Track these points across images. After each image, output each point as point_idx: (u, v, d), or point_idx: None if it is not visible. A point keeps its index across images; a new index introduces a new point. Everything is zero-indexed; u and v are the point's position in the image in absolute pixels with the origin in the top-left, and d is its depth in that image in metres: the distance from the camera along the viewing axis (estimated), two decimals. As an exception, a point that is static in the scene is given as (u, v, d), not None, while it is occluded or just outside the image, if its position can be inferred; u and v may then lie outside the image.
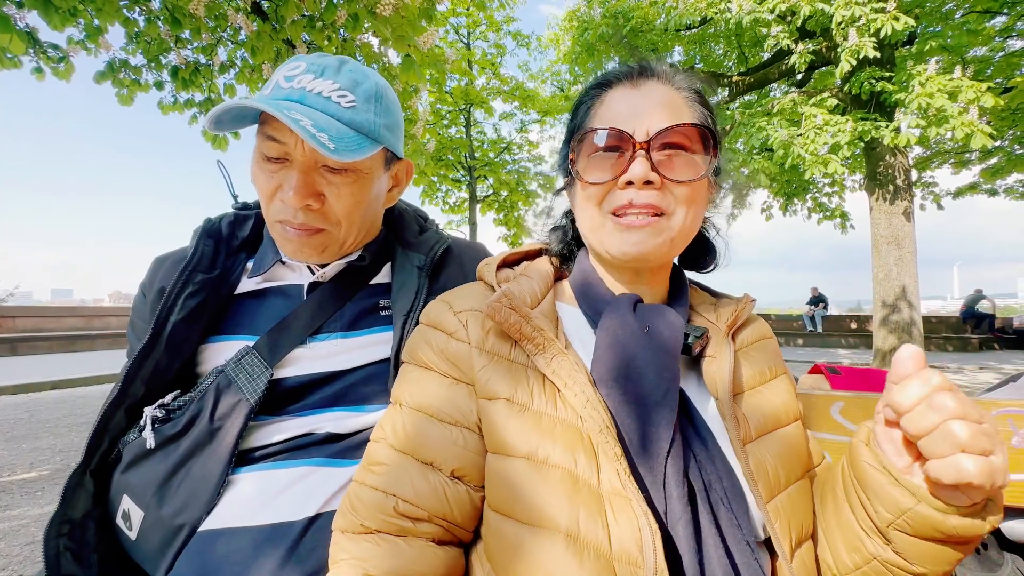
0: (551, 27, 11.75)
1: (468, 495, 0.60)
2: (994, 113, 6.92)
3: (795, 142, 6.97)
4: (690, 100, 0.65)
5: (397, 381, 0.68)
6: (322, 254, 0.82)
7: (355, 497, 0.61)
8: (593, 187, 0.63)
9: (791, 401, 0.67)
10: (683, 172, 0.61)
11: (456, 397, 0.62)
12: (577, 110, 0.70)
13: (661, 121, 0.61)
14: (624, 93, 0.65)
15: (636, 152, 0.60)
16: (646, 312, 0.63)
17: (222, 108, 0.69)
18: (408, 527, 0.58)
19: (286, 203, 0.75)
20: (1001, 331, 13.01)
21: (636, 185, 0.60)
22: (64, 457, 3.74)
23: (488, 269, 0.72)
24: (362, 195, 0.80)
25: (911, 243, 7.86)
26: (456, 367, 0.63)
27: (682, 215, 0.62)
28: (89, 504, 0.75)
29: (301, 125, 0.67)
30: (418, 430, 0.61)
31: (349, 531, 0.59)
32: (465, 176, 13.55)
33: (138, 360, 0.75)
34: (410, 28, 3.51)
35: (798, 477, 0.62)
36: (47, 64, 3.61)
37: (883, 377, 1.08)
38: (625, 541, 0.50)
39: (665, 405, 0.56)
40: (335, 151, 0.69)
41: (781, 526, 0.56)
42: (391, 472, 0.60)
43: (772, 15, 7.17)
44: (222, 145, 4.55)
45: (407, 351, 0.70)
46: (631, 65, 0.68)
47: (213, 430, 0.73)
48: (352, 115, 0.77)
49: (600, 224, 0.64)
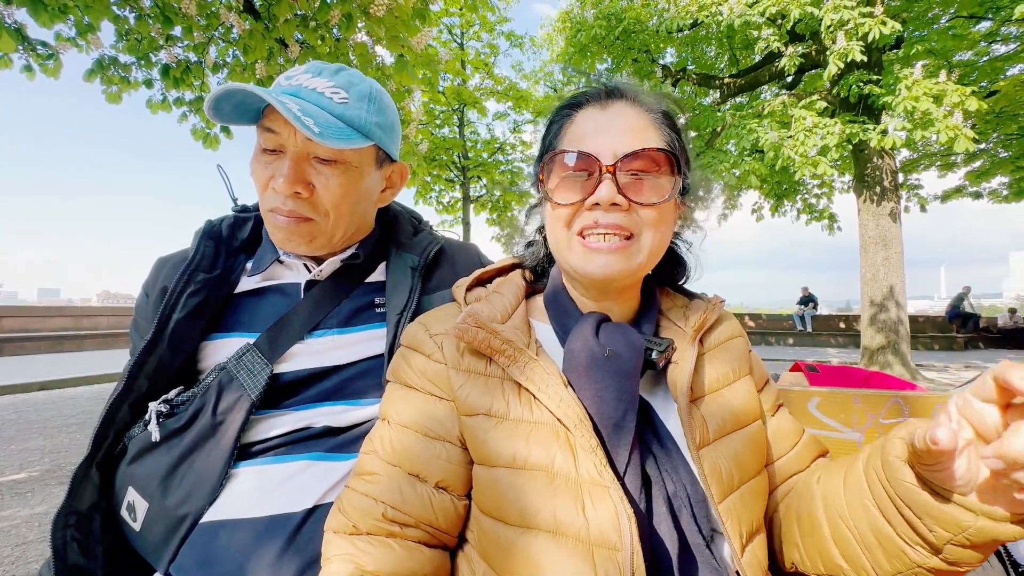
0: (544, 27, 11.79)
1: (452, 503, 0.64)
2: (978, 116, 7.05)
3: (785, 144, 7.06)
4: (657, 122, 0.67)
5: (384, 399, 0.72)
6: (310, 244, 0.84)
7: (347, 502, 0.64)
8: (562, 208, 0.65)
9: (752, 401, 0.70)
10: (649, 195, 0.63)
11: (438, 413, 0.66)
12: (548, 129, 0.72)
13: (628, 144, 0.63)
14: (592, 114, 0.67)
15: (603, 175, 0.62)
16: (609, 333, 0.64)
17: (220, 92, 0.72)
18: (396, 531, 0.62)
19: (276, 190, 0.78)
20: (986, 330, 13.28)
21: (603, 207, 0.62)
22: (53, 458, 3.71)
23: (459, 291, 0.75)
24: (351, 188, 0.82)
25: (898, 244, 7.98)
26: (436, 386, 0.67)
27: (649, 236, 0.64)
28: (95, 496, 0.77)
29: (288, 108, 0.70)
30: (405, 445, 0.65)
31: (341, 531, 0.63)
32: (458, 176, 13.55)
33: (142, 357, 0.77)
34: (404, 28, 3.53)
35: (752, 475, 0.65)
36: (36, 61, 3.58)
37: (860, 374, 1.13)
38: (603, 527, 0.53)
39: (623, 427, 0.59)
40: (320, 135, 0.73)
41: (732, 524, 0.59)
42: (381, 481, 0.64)
43: (762, 18, 7.26)
44: (212, 144, 4.52)
45: (391, 371, 0.73)
46: (599, 87, 0.70)
47: (216, 424, 0.75)
48: (343, 110, 0.80)
49: (567, 244, 0.66)
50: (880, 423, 0.86)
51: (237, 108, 0.77)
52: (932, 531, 0.48)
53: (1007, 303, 25.62)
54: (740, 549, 0.59)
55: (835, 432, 0.89)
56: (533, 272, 0.79)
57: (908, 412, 0.85)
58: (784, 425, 0.73)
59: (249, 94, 0.72)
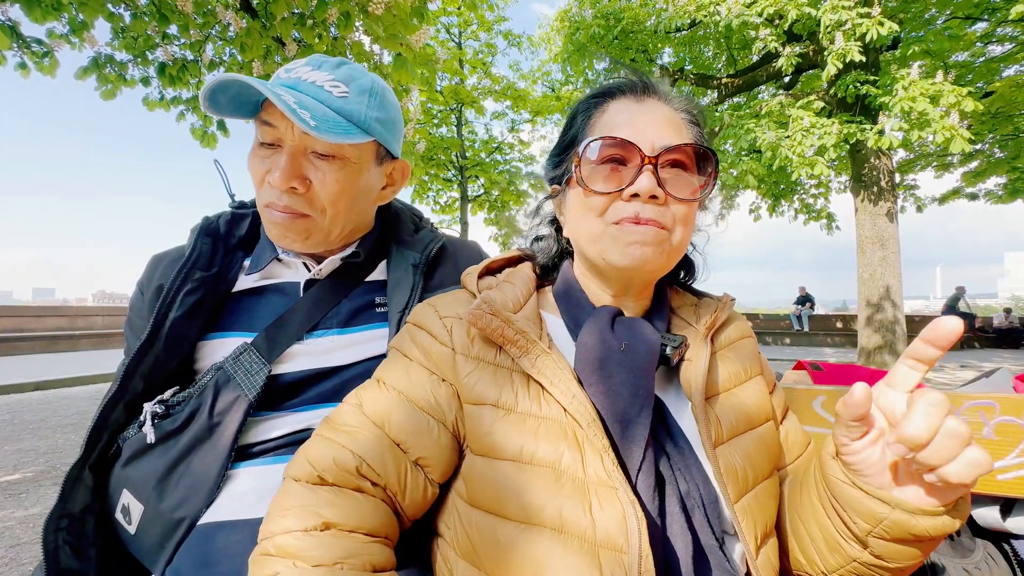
0: (542, 27, 11.78)
1: (424, 485, 0.61)
2: (975, 117, 7.08)
3: (782, 144, 7.07)
4: (688, 122, 0.67)
5: (382, 364, 0.69)
6: (306, 241, 0.82)
7: (316, 451, 0.60)
8: (597, 197, 0.64)
9: (764, 402, 0.69)
10: (684, 191, 0.63)
11: (437, 392, 0.63)
12: (575, 118, 0.70)
13: (666, 138, 0.62)
14: (627, 106, 0.66)
15: (644, 165, 0.60)
16: (624, 327, 0.63)
17: (215, 83, 0.70)
18: (365, 486, 0.59)
19: (272, 185, 0.77)
20: (981, 330, 13.34)
21: (642, 198, 0.61)
22: (48, 459, 3.68)
23: (470, 278, 0.73)
24: (348, 183, 0.81)
25: (895, 244, 8.00)
26: (439, 367, 0.65)
27: (679, 233, 0.64)
28: (88, 498, 0.75)
29: (284, 100, 0.69)
30: (393, 409, 0.62)
31: (304, 480, 0.58)
32: (456, 176, 13.53)
33: (137, 356, 0.75)
34: (402, 27, 3.51)
35: (765, 476, 0.64)
36: (31, 59, 3.55)
37: (863, 373, 1.12)
38: (610, 529, 0.52)
39: (638, 424, 0.58)
40: (316, 129, 0.71)
41: (747, 525, 0.58)
42: (362, 436, 0.60)
43: (760, 18, 7.26)
44: (210, 143, 4.50)
45: (395, 342, 0.71)
46: (635, 79, 0.68)
47: (212, 425, 0.74)
48: (342, 104, 0.78)
49: (602, 234, 0.64)
50: (886, 422, 0.85)
51: (234, 100, 0.75)
52: (855, 523, 0.51)
53: (1002, 303, 25.79)
54: (755, 550, 0.58)
55: (840, 431, 0.88)
56: (542, 267, 0.78)
57: (914, 411, 0.84)
58: (792, 433, 0.73)
59: (245, 85, 0.71)
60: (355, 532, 0.55)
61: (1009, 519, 0.83)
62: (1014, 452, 0.79)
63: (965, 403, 0.82)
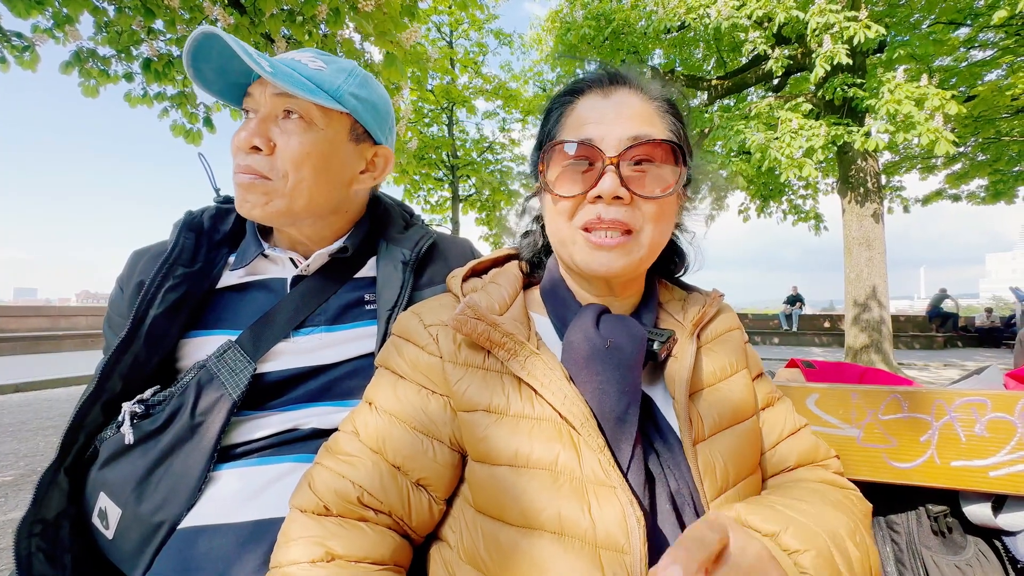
0: (534, 27, 11.79)
1: (429, 504, 0.62)
2: (958, 120, 7.20)
3: (771, 145, 7.13)
4: (661, 110, 0.65)
5: (371, 383, 0.68)
6: (266, 207, 0.78)
7: (319, 480, 0.61)
8: (563, 200, 0.63)
9: (749, 396, 0.68)
10: (652, 187, 0.61)
11: (429, 408, 0.63)
12: (548, 117, 0.69)
13: (631, 134, 0.60)
14: (594, 102, 0.64)
15: (606, 167, 0.59)
16: (610, 325, 0.62)
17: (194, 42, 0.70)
18: (369, 515, 0.59)
19: (238, 147, 0.76)
20: (964, 329, 13.60)
21: (605, 200, 0.59)
22: (29, 462, 3.59)
23: (455, 281, 0.72)
24: (313, 148, 0.77)
25: (881, 245, 8.12)
26: (429, 379, 0.64)
27: (650, 231, 0.62)
28: (63, 503, 0.72)
29: (241, 44, 0.69)
30: (390, 435, 0.62)
31: (310, 511, 0.59)
32: (447, 175, 13.48)
33: (116, 355, 0.73)
34: (392, 24, 3.49)
35: (749, 472, 0.63)
36: (11, 53, 3.47)
37: (854, 370, 1.12)
38: (610, 529, 0.51)
39: (626, 421, 0.57)
40: (273, 75, 0.71)
41: None
42: (361, 465, 0.60)
43: (750, 21, 7.32)
44: (195, 140, 4.43)
45: (381, 358, 0.70)
46: (601, 72, 0.67)
47: (194, 425, 0.71)
48: (315, 72, 0.78)
49: (570, 239, 0.63)
50: (879, 419, 0.85)
51: (219, 73, 0.75)
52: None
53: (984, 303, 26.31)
54: None
55: (834, 428, 0.88)
56: (529, 263, 0.76)
57: (907, 407, 0.84)
58: (771, 419, 0.71)
59: (224, 46, 0.70)
60: (361, 563, 0.56)
61: (1000, 516, 0.83)
62: (1005, 449, 0.79)
63: (957, 400, 0.82)
